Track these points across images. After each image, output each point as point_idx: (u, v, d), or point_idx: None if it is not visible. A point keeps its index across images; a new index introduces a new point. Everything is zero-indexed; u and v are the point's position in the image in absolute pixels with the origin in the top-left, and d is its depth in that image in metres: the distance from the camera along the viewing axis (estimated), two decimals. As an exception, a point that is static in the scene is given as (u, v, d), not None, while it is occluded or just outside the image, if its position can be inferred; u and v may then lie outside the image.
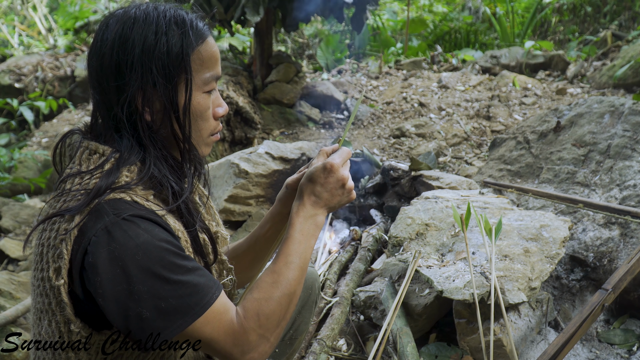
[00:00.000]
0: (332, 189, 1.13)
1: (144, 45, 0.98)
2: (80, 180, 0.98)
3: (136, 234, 0.91)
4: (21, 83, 6.58)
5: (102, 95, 1.01)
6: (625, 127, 2.68)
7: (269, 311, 1.01)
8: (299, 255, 1.08)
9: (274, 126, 5.02)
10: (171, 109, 1.02)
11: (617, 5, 7.48)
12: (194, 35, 1.03)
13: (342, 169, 1.15)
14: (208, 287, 0.96)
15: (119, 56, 0.98)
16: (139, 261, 0.90)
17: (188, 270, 0.94)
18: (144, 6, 1.03)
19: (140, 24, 0.99)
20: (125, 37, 0.98)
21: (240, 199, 3.25)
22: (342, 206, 1.18)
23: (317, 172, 1.13)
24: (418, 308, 2.08)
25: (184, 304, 0.92)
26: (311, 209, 1.12)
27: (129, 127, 1.00)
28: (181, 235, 1.01)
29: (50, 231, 0.96)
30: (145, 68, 0.98)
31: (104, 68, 1.00)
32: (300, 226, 1.10)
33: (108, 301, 0.90)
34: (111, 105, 1.00)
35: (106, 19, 1.04)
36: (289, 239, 1.09)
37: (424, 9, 9.57)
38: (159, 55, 0.99)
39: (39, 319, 1.00)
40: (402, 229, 2.32)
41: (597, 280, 2.27)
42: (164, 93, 1.00)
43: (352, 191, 1.17)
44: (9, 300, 2.47)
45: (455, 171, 3.87)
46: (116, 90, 0.99)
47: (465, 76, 5.90)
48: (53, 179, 4.72)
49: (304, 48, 7.83)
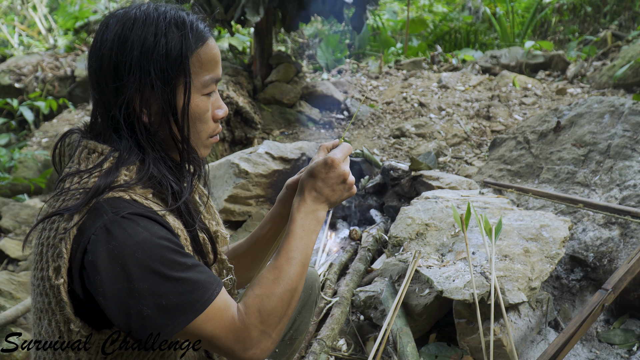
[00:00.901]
0: (333, 184, 1.13)
1: (142, 47, 0.98)
2: (79, 179, 0.98)
3: (135, 232, 0.91)
4: (21, 83, 6.58)
5: (101, 96, 1.01)
6: (625, 127, 2.68)
7: (270, 307, 1.01)
8: (300, 250, 1.07)
9: (274, 126, 5.02)
10: (169, 111, 1.01)
11: (617, 5, 7.48)
12: (194, 38, 1.02)
13: (343, 164, 1.15)
14: (209, 283, 0.96)
15: (118, 57, 0.98)
16: (139, 259, 0.89)
17: (188, 267, 0.94)
18: (144, 7, 1.03)
19: (140, 25, 0.99)
20: (125, 38, 0.98)
21: (240, 199, 3.25)
22: (342, 201, 1.17)
23: (318, 167, 1.13)
24: (418, 308, 2.08)
25: (185, 300, 0.92)
26: (312, 204, 1.12)
27: (127, 129, 1.00)
28: (181, 233, 1.01)
29: (49, 230, 0.96)
30: (144, 70, 0.98)
31: (102, 69, 0.99)
32: (301, 222, 1.10)
33: (108, 300, 0.90)
34: (110, 105, 1.00)
35: (106, 19, 1.03)
36: (290, 235, 1.09)
37: (424, 9, 9.57)
38: (157, 57, 0.98)
39: (39, 319, 1.00)
40: (402, 229, 2.32)
41: (597, 280, 2.27)
42: (162, 95, 1.00)
43: (353, 186, 1.17)
44: (9, 300, 2.47)
45: (455, 171, 3.87)
46: (114, 91, 0.99)
47: (465, 76, 5.90)
48: (53, 179, 4.72)
49: (304, 48, 7.83)
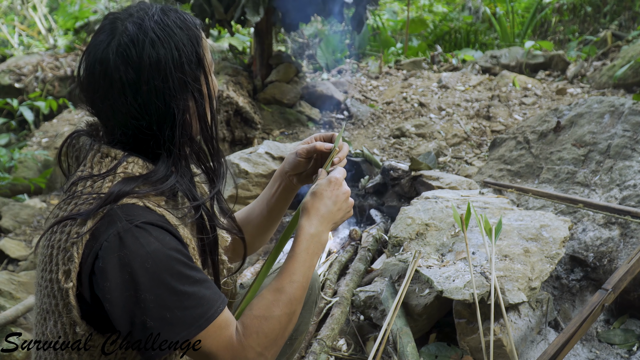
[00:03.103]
0: (339, 201, 1.16)
1: (174, 67, 0.99)
2: (92, 184, 0.99)
3: (147, 242, 0.91)
4: (21, 83, 6.57)
5: (133, 118, 1.00)
6: (625, 127, 2.68)
7: (268, 330, 1.02)
8: (302, 274, 1.09)
9: (274, 126, 5.02)
10: (201, 109, 1.04)
11: (617, 5, 7.48)
12: (196, 29, 1.05)
13: (344, 183, 1.19)
14: (213, 300, 0.96)
15: (157, 89, 0.98)
16: (149, 269, 0.90)
17: (195, 282, 0.95)
18: (147, 20, 1.00)
19: (159, 45, 0.98)
20: (157, 60, 0.97)
21: (240, 199, 3.25)
22: (342, 223, 1.21)
23: (323, 186, 1.16)
24: (418, 308, 2.08)
25: (189, 315, 0.93)
26: (319, 225, 1.13)
27: (173, 148, 1.02)
28: (189, 243, 1.02)
29: (61, 234, 0.96)
30: (182, 85, 1.00)
31: (139, 100, 0.98)
32: (306, 244, 1.11)
33: (115, 307, 0.91)
34: (150, 128, 1.00)
35: (117, 36, 0.99)
36: (294, 257, 1.10)
37: (424, 9, 9.57)
38: (187, 68, 1.01)
39: (44, 319, 1.01)
40: (402, 229, 2.32)
41: (597, 280, 2.27)
42: (198, 97, 1.03)
43: (352, 206, 1.21)
44: (9, 300, 2.47)
45: (455, 171, 3.87)
46: (157, 118, 0.99)
47: (465, 76, 5.90)
48: (53, 179, 4.71)
49: (304, 48, 7.82)
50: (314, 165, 1.33)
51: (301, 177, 1.35)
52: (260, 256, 3.00)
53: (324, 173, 1.24)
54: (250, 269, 2.65)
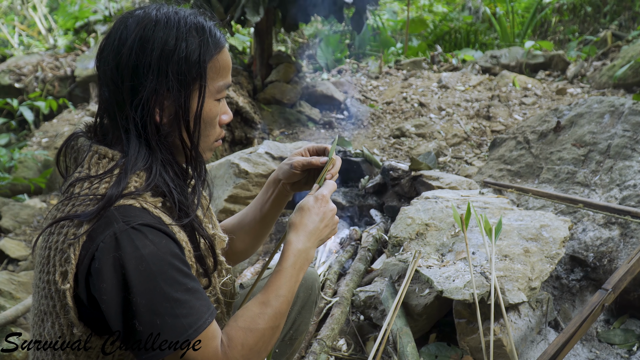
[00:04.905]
0: (326, 218, 1.17)
1: (163, 49, 0.99)
2: (90, 185, 0.99)
3: (143, 244, 0.91)
4: (21, 83, 6.57)
5: (115, 95, 1.01)
6: (625, 127, 2.68)
7: (253, 342, 1.02)
8: (288, 289, 1.09)
9: (274, 126, 5.02)
10: (182, 114, 1.02)
11: (617, 5, 7.48)
12: (213, 44, 1.04)
13: (330, 201, 1.20)
14: (202, 312, 0.96)
15: (138, 57, 0.98)
16: (142, 272, 0.90)
17: (188, 290, 0.95)
18: (164, 9, 1.03)
19: (162, 27, 1.00)
20: (146, 39, 0.99)
21: (240, 199, 3.25)
22: (327, 239, 1.22)
23: (310, 203, 1.16)
24: (418, 308, 2.08)
25: (179, 324, 0.93)
26: (306, 241, 1.14)
27: (140, 129, 1.01)
28: (185, 245, 1.02)
29: (58, 235, 0.97)
30: (162, 71, 0.99)
31: (120, 67, 0.99)
32: (293, 260, 1.11)
33: (109, 307, 0.91)
34: (123, 104, 1.00)
35: (123, 17, 1.03)
36: (281, 272, 1.10)
37: (424, 9, 9.56)
38: (177, 60, 0.99)
39: (42, 321, 1.01)
40: (402, 229, 2.32)
41: (597, 280, 2.27)
42: (177, 98, 1.01)
43: (337, 224, 1.21)
44: (9, 300, 2.47)
45: (455, 171, 3.87)
46: (130, 90, 0.99)
47: (465, 76, 5.90)
48: (53, 179, 4.71)
49: (304, 48, 7.82)
50: (307, 176, 1.34)
51: (295, 185, 1.35)
52: (261, 256, 3.00)
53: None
54: (250, 269, 2.65)
